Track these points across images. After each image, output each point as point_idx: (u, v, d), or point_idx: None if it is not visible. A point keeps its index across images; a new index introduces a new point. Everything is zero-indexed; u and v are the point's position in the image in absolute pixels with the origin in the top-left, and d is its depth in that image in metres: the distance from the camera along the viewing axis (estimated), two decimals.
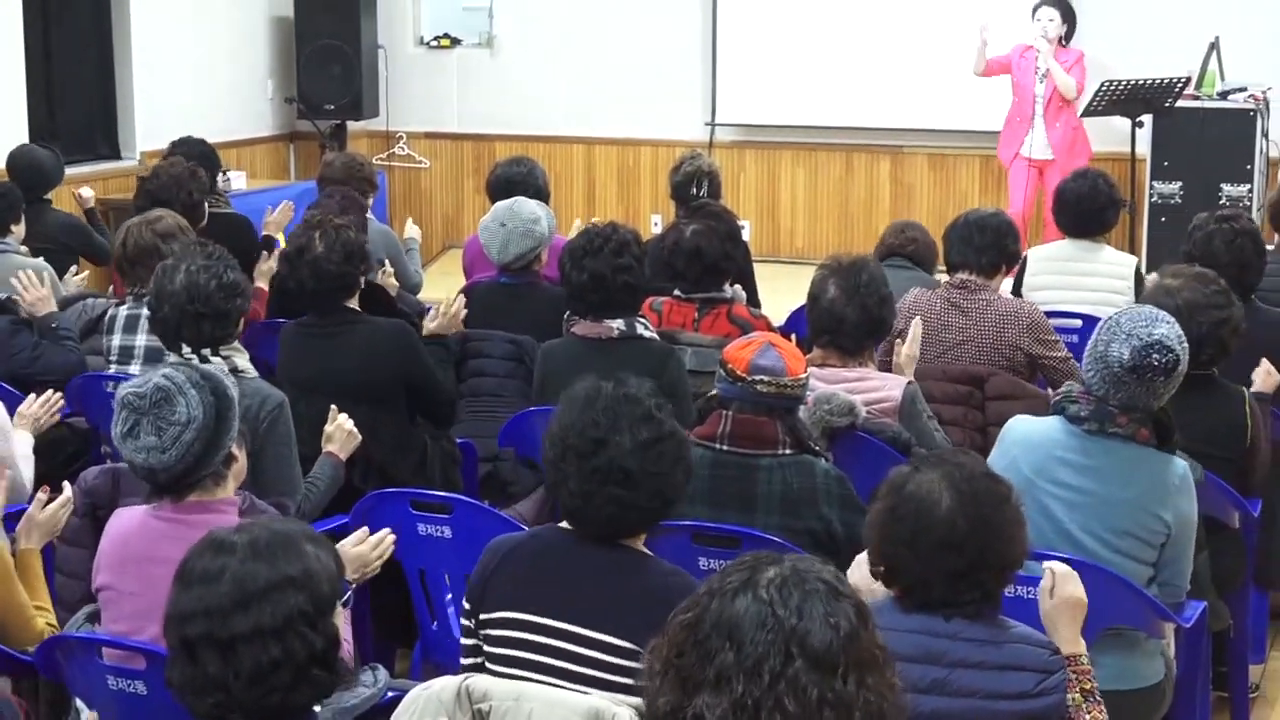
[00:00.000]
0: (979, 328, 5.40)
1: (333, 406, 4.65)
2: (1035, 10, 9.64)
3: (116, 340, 5.38)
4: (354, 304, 5.17)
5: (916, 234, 6.56)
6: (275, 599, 2.61)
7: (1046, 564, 3.21)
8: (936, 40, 10.40)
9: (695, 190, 7.11)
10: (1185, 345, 3.83)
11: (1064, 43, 9.65)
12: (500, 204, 6.07)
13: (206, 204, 6.81)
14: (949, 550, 2.92)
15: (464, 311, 5.64)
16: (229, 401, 3.46)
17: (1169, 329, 3.80)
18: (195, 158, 7.25)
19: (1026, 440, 3.91)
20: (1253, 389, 4.79)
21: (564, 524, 3.26)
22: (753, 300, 6.47)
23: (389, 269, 6.63)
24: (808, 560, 2.26)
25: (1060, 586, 3.13)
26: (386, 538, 3.68)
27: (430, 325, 5.59)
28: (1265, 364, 4.95)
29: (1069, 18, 9.66)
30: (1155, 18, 9.98)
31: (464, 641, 3.30)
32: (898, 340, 5.07)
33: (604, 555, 3.19)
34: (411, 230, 7.39)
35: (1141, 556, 3.83)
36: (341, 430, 4.61)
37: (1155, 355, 3.74)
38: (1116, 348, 3.77)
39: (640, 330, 4.97)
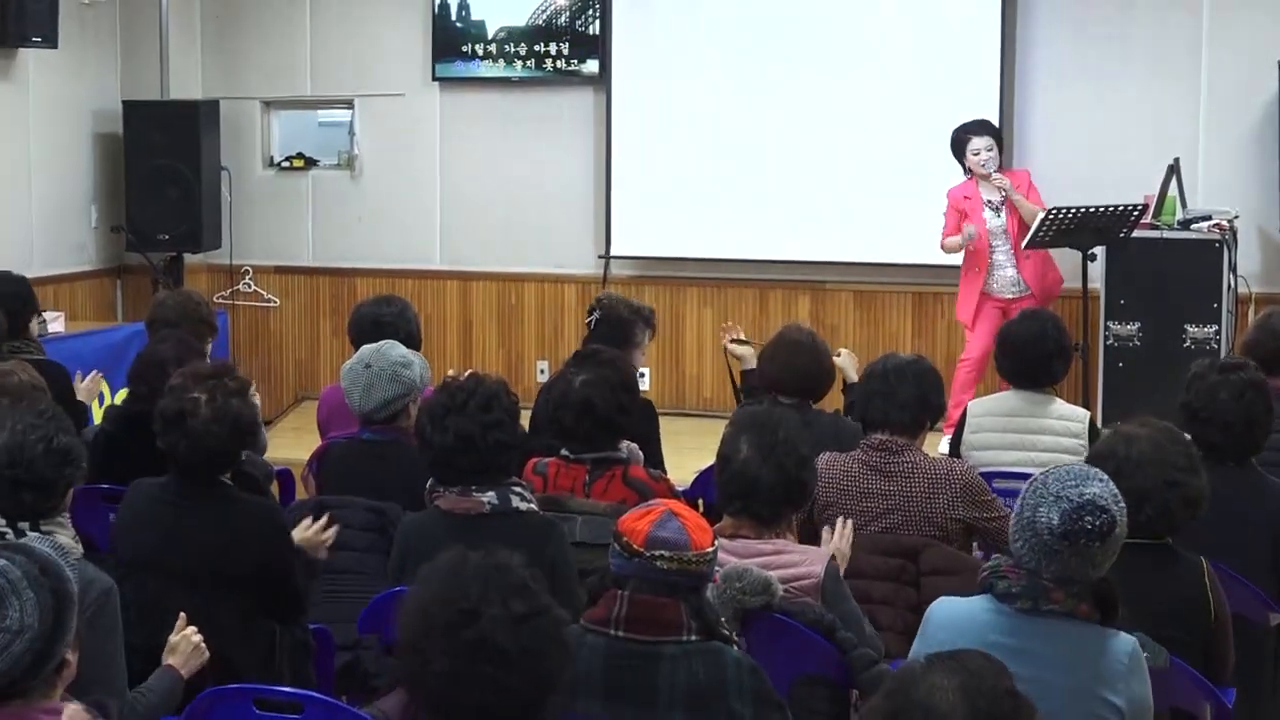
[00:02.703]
0: (905, 495, 5.44)
1: (181, 615, 4.59)
2: (964, 144, 9.70)
3: None
4: (226, 477, 5.13)
5: (805, 361, 6.54)
6: None
7: None
8: (862, 165, 10.59)
9: (588, 320, 7.19)
10: (1122, 505, 3.88)
11: (1001, 168, 9.79)
12: (367, 346, 6.09)
13: (6, 348, 6.75)
14: None
15: (330, 539, 5.57)
16: (69, 602, 3.38)
17: (1102, 487, 3.86)
18: (2, 297, 7.20)
19: (953, 624, 3.93)
20: None
21: None
22: (655, 462, 6.47)
23: None
24: None
25: None
26: None
27: (297, 534, 5.51)
28: None
29: (999, 140, 9.79)
30: (1108, 138, 10.24)
31: None
32: (825, 529, 5.10)
33: None
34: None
35: None
36: (188, 642, 4.54)
37: (1088, 518, 3.79)
38: (1045, 512, 3.82)
39: (515, 503, 4.94)
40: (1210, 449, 5.25)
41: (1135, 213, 9.16)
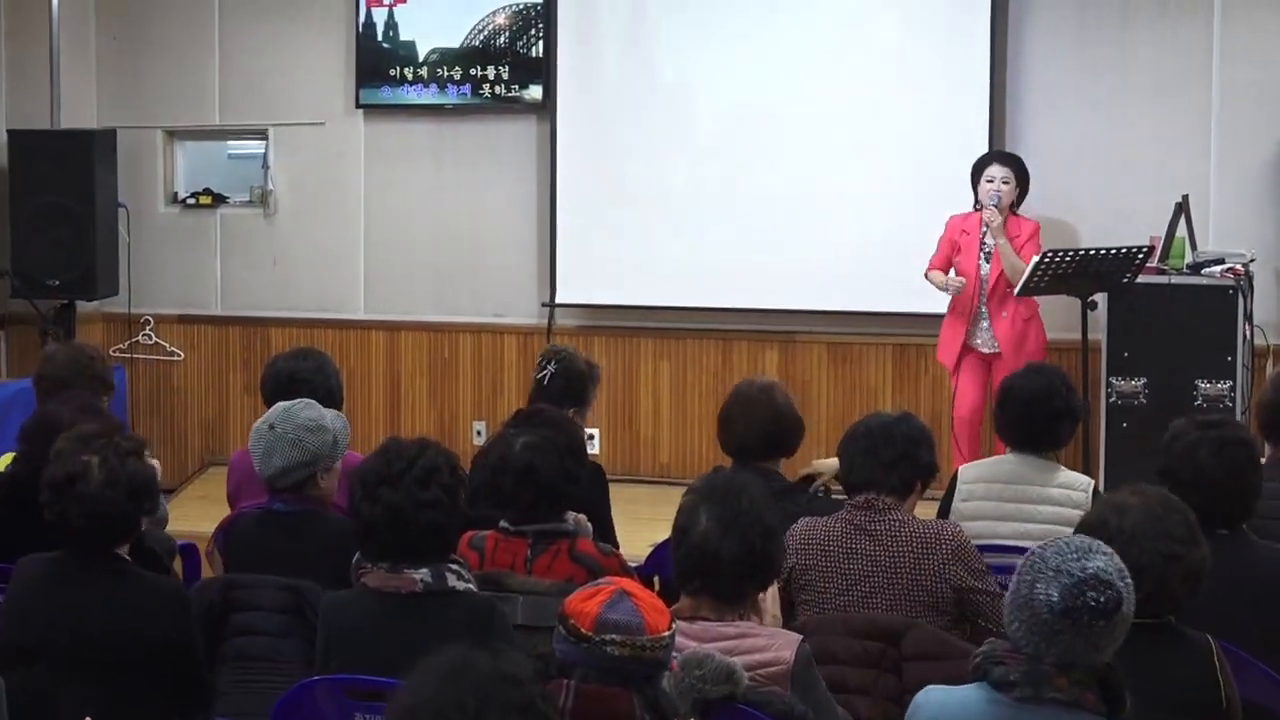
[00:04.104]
0: (892, 556, 5.46)
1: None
2: (983, 169, 9.74)
3: None
4: (124, 549, 5.13)
5: (765, 415, 6.54)
6: None
7: None
8: (836, 203, 10.63)
9: (538, 374, 7.22)
10: (1128, 581, 3.89)
11: (1015, 210, 9.79)
12: (278, 404, 6.07)
13: None
14: None
15: None
16: None
17: (1106, 561, 3.87)
18: None
19: (944, 717, 3.93)
20: None
21: None
22: (606, 534, 6.47)
23: None
24: None
25: None
26: None
27: None
28: None
29: (1024, 179, 9.78)
30: (1109, 173, 10.32)
31: None
32: (760, 597, 5.11)
33: None
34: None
35: None
36: None
37: (1091, 594, 3.80)
38: (1044, 588, 3.83)
39: (452, 582, 4.93)
40: (1197, 515, 5.32)
41: (1140, 256, 9.15)
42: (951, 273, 9.72)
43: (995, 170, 9.70)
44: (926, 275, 9.79)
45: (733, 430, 6.60)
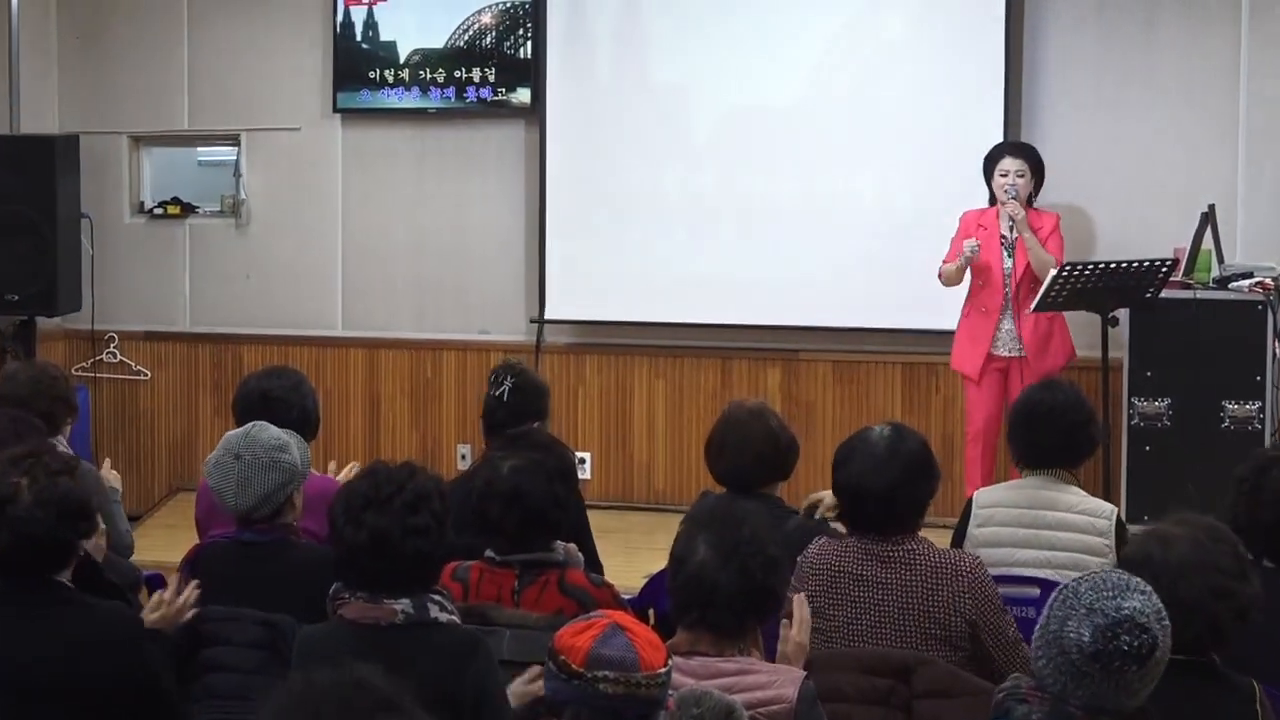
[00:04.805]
0: (904, 583, 5.42)
1: None
2: (995, 162, 9.73)
3: None
4: (65, 576, 5.09)
5: (760, 443, 6.52)
6: None
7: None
8: (843, 214, 10.64)
9: (495, 391, 7.20)
10: (1166, 624, 3.86)
11: (1031, 203, 9.77)
12: (231, 433, 6.07)
13: None
14: None
15: (194, 599, 5.57)
16: None
17: (1143, 601, 3.84)
18: None
19: None
20: None
21: None
22: (592, 564, 6.46)
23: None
24: None
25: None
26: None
27: (150, 616, 5.50)
28: None
29: (1039, 170, 9.78)
30: (1131, 181, 10.33)
31: None
32: (784, 622, 5.08)
33: None
34: (110, 477, 7.32)
35: None
36: None
37: (1125, 637, 3.77)
38: (1075, 626, 3.81)
39: (434, 613, 4.92)
40: (1248, 535, 5.30)
41: (1164, 269, 9.14)
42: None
43: (1008, 163, 9.70)
44: (940, 274, 9.68)
45: (725, 457, 6.57)
